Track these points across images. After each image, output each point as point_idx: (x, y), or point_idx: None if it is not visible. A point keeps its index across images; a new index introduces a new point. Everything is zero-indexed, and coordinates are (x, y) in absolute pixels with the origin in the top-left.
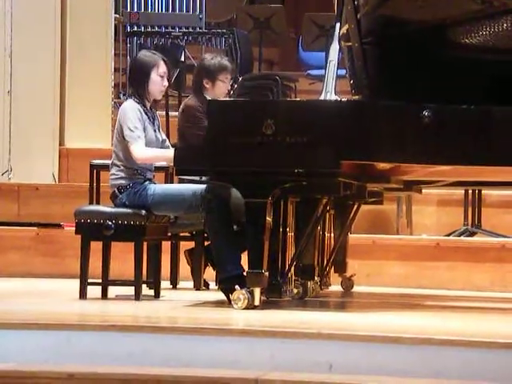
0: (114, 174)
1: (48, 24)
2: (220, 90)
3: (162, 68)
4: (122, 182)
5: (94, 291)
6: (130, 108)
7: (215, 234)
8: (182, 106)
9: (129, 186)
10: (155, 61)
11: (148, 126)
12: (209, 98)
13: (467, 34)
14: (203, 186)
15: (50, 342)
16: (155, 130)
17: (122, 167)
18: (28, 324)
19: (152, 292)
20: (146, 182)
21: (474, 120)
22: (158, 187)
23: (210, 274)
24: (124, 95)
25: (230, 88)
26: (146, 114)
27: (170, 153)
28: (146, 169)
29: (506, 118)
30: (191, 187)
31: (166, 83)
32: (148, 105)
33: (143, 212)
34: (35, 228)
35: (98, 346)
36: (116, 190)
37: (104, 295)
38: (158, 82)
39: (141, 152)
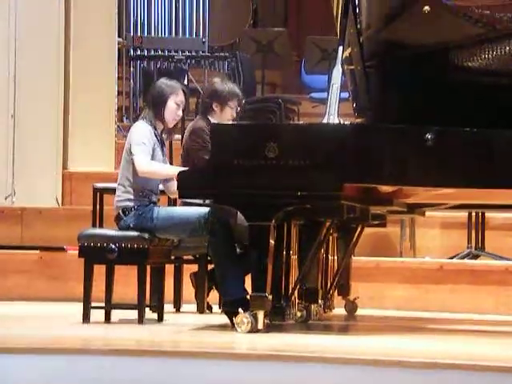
0: (119, 196)
1: (51, 48)
2: (227, 115)
3: (181, 97)
4: (127, 203)
5: (97, 315)
6: (141, 128)
7: (219, 256)
8: (189, 128)
9: (133, 209)
10: (175, 89)
11: (157, 148)
12: (214, 121)
13: (470, 58)
14: (207, 209)
15: (53, 366)
16: (163, 155)
17: (128, 188)
18: (31, 348)
19: (155, 315)
20: (151, 205)
21: (476, 143)
22: (162, 210)
23: (213, 297)
24: (127, 118)
25: (235, 115)
26: (155, 136)
27: (173, 170)
28: (152, 191)
29: (509, 141)
30: (195, 210)
31: (180, 113)
32: (159, 130)
33: (146, 235)
34: (38, 251)
35: (101, 371)
36: (120, 211)
37: (107, 319)
38: (173, 109)
39: (144, 164)
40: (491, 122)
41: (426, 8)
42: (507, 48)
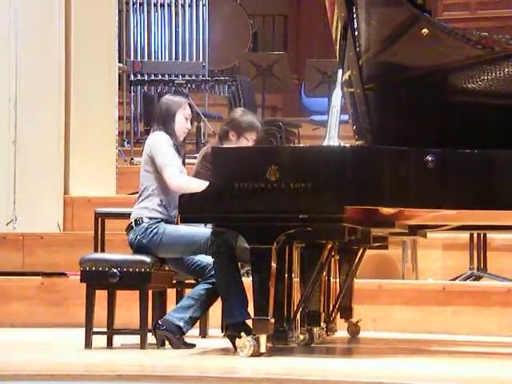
0: (138, 204)
1: (52, 73)
2: (241, 145)
3: (188, 111)
4: (144, 212)
5: (99, 340)
6: (161, 138)
7: (224, 278)
8: (202, 152)
9: (145, 221)
10: (181, 103)
11: (177, 157)
12: None
13: (469, 80)
14: (211, 230)
15: None
16: (182, 164)
17: (149, 197)
18: (33, 375)
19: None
20: (162, 222)
21: (477, 164)
22: (169, 227)
23: (215, 321)
24: (128, 143)
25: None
26: (174, 145)
27: (205, 185)
28: (173, 205)
29: (509, 163)
30: (202, 230)
31: (189, 125)
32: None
33: (148, 259)
34: (40, 277)
35: None
36: (133, 221)
37: (109, 344)
38: (182, 122)
39: (176, 179)
40: (492, 143)
41: (425, 31)
42: (506, 70)
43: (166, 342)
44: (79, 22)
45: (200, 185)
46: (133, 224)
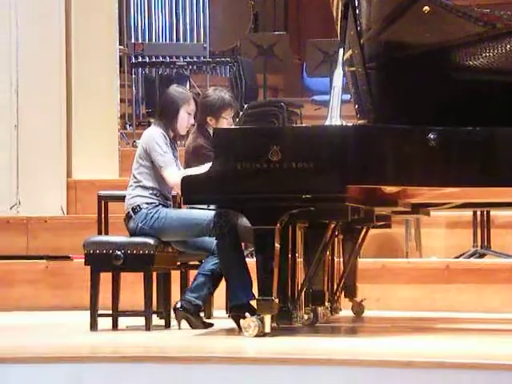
0: (129, 194)
1: (53, 57)
2: (223, 125)
3: (192, 106)
4: (137, 200)
5: (104, 322)
6: (157, 134)
7: (227, 259)
8: (189, 147)
9: (143, 207)
10: (186, 98)
11: (170, 152)
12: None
13: (471, 57)
14: (213, 212)
15: (62, 375)
16: (175, 160)
17: (138, 187)
18: (39, 358)
19: (162, 322)
20: (160, 206)
21: (479, 141)
22: (171, 211)
23: (219, 302)
24: (130, 125)
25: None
26: (168, 141)
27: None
28: (163, 193)
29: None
30: (203, 213)
31: (192, 120)
32: (171, 136)
33: (152, 241)
34: (44, 261)
35: (109, 378)
36: (130, 210)
37: (115, 326)
38: (185, 118)
39: (176, 177)
40: (494, 120)
41: (426, 8)
42: (508, 46)
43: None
44: (80, 5)
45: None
46: (131, 213)
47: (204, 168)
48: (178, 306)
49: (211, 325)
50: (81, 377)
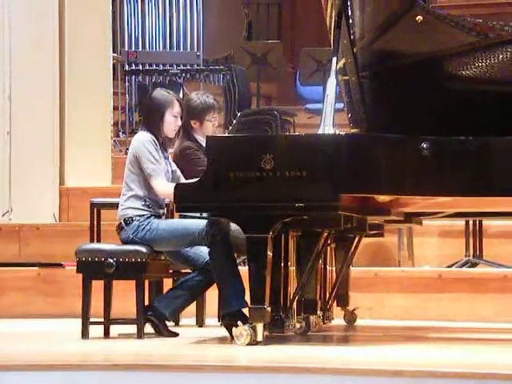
0: (122, 205)
1: (46, 63)
2: (207, 129)
3: (177, 108)
4: (129, 212)
5: (96, 330)
6: (146, 139)
7: (221, 267)
8: (177, 149)
9: (135, 219)
10: (170, 101)
11: (161, 157)
12: (198, 136)
13: (463, 66)
14: (206, 221)
15: (53, 383)
16: (166, 161)
17: (130, 197)
18: (30, 365)
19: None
20: (152, 217)
21: (472, 151)
22: (162, 222)
23: (212, 310)
24: (123, 133)
25: (217, 125)
26: (158, 145)
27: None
28: (156, 202)
29: (505, 149)
30: (195, 222)
31: (179, 122)
32: (160, 140)
33: (144, 249)
34: (36, 268)
35: None
36: (122, 221)
37: (106, 334)
38: (171, 122)
39: (164, 187)
40: (486, 130)
41: (419, 17)
42: (500, 56)
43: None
44: (73, 12)
45: None
46: (123, 224)
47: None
48: (147, 309)
49: (176, 334)
50: None
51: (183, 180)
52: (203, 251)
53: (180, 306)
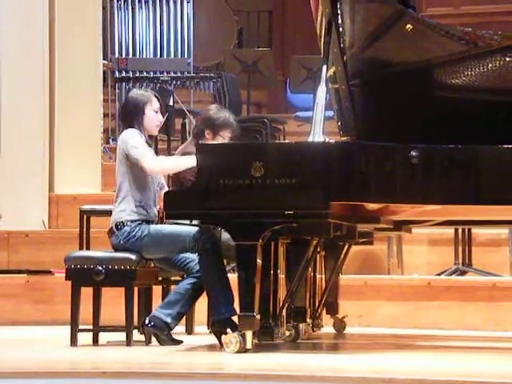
0: (115, 208)
1: (37, 71)
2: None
3: (156, 104)
4: (121, 215)
5: (85, 338)
6: (132, 133)
7: (210, 275)
8: (180, 152)
9: (126, 224)
10: (148, 97)
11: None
12: None
13: (453, 75)
14: (196, 229)
15: None
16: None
17: (123, 199)
18: (19, 372)
19: (143, 337)
20: (143, 224)
21: (461, 159)
22: (153, 228)
23: (201, 317)
24: (114, 140)
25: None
26: (144, 139)
27: (187, 161)
28: (148, 204)
29: (493, 157)
30: (185, 229)
31: (160, 117)
32: (144, 138)
33: (134, 257)
34: (25, 275)
35: None
36: (114, 226)
37: (95, 341)
38: (153, 117)
39: (154, 163)
40: (475, 138)
41: (409, 26)
42: (489, 65)
43: (153, 339)
44: (63, 19)
45: (179, 162)
46: (114, 228)
47: (182, 159)
48: (147, 321)
49: (180, 342)
50: None
51: (166, 188)
52: (193, 255)
53: (180, 311)
